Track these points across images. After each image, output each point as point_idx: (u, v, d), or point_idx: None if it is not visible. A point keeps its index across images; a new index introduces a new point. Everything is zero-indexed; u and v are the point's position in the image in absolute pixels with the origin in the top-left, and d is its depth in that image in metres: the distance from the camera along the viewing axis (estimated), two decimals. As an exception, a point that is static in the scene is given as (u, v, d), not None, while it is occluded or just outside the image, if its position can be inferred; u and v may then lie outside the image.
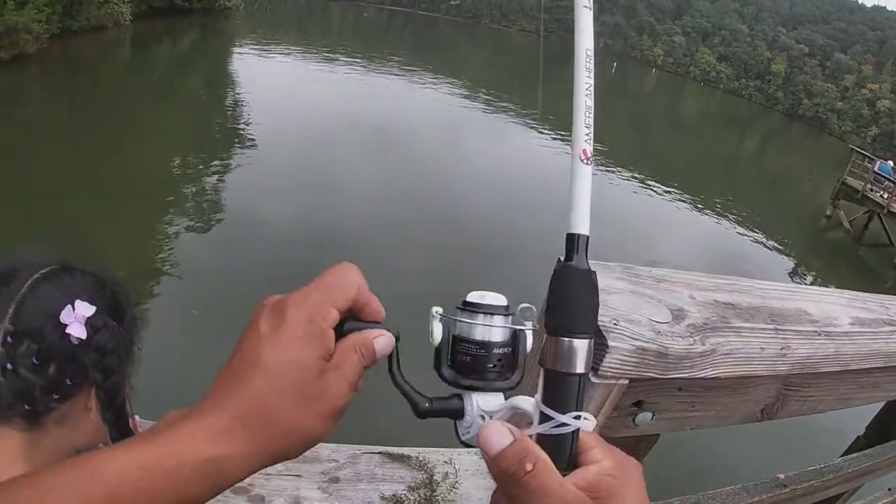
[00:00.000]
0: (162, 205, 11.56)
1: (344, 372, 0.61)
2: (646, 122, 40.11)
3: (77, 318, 1.02)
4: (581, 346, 0.58)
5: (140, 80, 22.82)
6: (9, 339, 0.97)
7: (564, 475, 0.56)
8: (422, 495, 1.28)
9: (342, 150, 16.87)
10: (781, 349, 1.01)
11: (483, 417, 0.64)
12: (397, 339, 0.66)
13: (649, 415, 1.01)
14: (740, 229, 19.23)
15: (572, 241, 0.60)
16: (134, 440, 0.56)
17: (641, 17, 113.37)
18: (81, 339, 1.02)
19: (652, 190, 20.69)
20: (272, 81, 25.90)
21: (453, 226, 12.62)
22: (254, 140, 16.19)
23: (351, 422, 0.70)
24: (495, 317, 0.64)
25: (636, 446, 1.15)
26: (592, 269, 0.60)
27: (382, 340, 0.64)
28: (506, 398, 0.65)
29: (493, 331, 0.64)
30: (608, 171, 21.71)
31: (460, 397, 0.66)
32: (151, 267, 9.27)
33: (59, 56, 21.79)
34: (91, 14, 24.79)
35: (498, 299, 0.65)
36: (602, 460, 0.58)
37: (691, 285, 1.06)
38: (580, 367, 0.58)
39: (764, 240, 18.83)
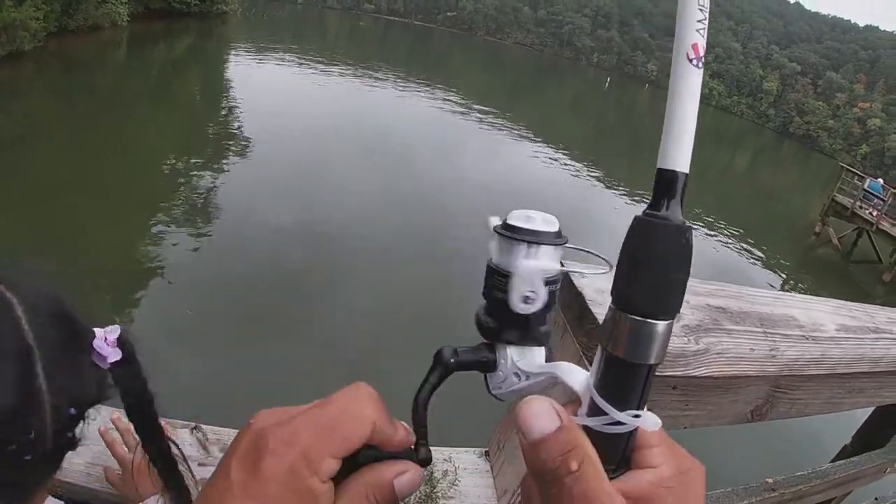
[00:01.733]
0: (154, 205, 11.54)
1: None
2: (638, 136, 40.19)
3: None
4: (660, 330, 0.44)
5: (135, 81, 22.83)
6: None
7: (612, 477, 0.46)
8: (422, 491, 1.28)
9: (335, 156, 16.92)
10: (770, 350, 1.06)
11: (518, 376, 0.53)
12: (428, 464, 0.52)
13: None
14: (730, 244, 19.34)
15: (665, 180, 0.45)
16: None
17: (636, 33, 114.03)
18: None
19: (644, 202, 20.87)
20: (267, 87, 25.90)
21: (444, 232, 12.65)
22: (247, 144, 16.19)
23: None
24: (542, 247, 0.51)
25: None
26: (687, 223, 0.45)
27: (406, 479, 0.50)
28: (547, 357, 0.54)
29: (538, 263, 0.50)
30: (600, 183, 21.87)
31: (492, 348, 0.54)
32: (143, 266, 9.26)
33: (56, 54, 21.78)
34: (89, 14, 24.87)
35: (549, 223, 0.51)
36: (661, 465, 0.48)
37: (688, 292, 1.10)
38: (652, 357, 0.44)
39: (753, 254, 18.95)
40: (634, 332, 0.44)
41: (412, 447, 0.52)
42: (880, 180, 23.78)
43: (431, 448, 0.52)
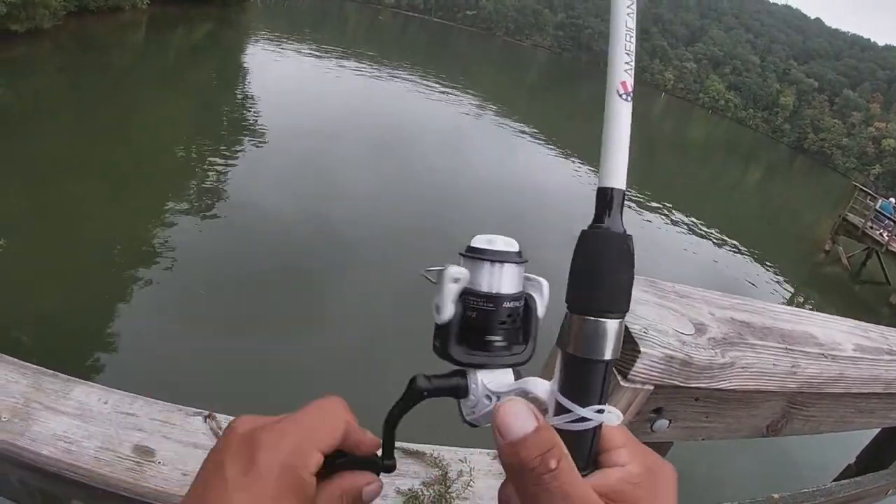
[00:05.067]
0: (164, 189, 11.62)
1: None
2: (652, 145, 40.09)
3: None
4: (612, 328, 0.49)
5: (152, 65, 22.91)
6: None
7: (583, 475, 0.49)
8: (436, 491, 1.29)
9: (347, 149, 16.92)
10: (792, 367, 1.07)
11: (489, 398, 0.56)
12: (392, 470, 0.59)
13: (666, 422, 1.06)
14: (739, 256, 19.27)
15: (605, 197, 0.50)
16: None
17: (655, 41, 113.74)
18: None
19: (654, 211, 20.72)
20: (283, 77, 25.95)
21: (451, 229, 12.64)
22: (261, 133, 16.21)
23: (367, 416, 0.63)
24: (505, 265, 0.55)
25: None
26: (628, 232, 0.51)
27: (370, 489, 0.58)
28: (516, 377, 0.57)
29: (502, 280, 0.55)
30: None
31: (463, 374, 0.57)
32: (149, 250, 9.28)
33: (74, 34, 21.83)
34: (110, -6, 24.81)
35: (509, 244, 0.56)
36: (629, 464, 0.51)
37: (710, 302, 1.11)
38: (608, 353, 0.49)
39: (761, 268, 18.87)
40: (588, 331, 0.49)
41: (379, 455, 0.59)
42: (892, 200, 23.72)
43: (447, 447, 0.56)
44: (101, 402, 1.45)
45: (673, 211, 21.40)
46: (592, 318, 0.49)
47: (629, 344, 0.92)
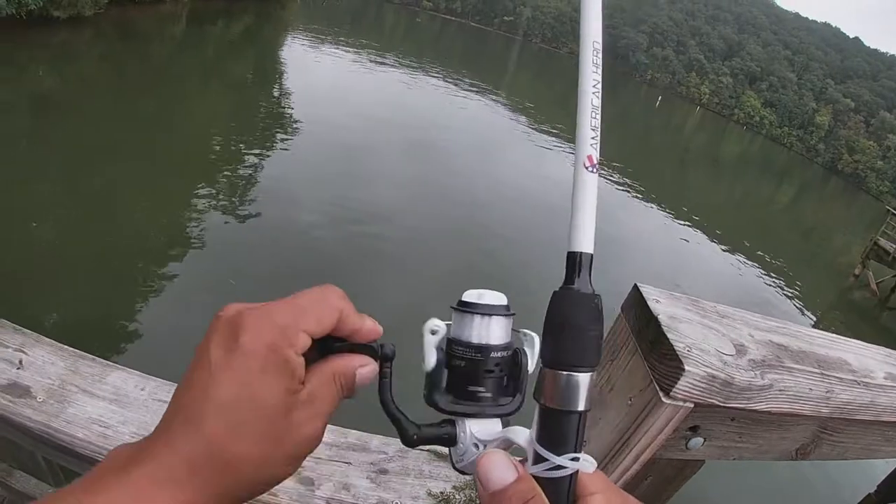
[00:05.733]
0: (198, 179, 11.78)
1: (318, 407, 0.55)
2: (685, 159, 39.81)
3: None
4: (583, 380, 0.52)
5: (191, 56, 23.16)
6: None
7: None
8: (467, 496, 1.30)
9: (379, 148, 17.02)
10: (826, 392, 1.08)
11: (477, 446, 0.58)
12: (392, 358, 0.60)
13: (701, 440, 1.07)
14: (766, 275, 19.01)
15: (574, 260, 0.53)
16: (79, 487, 0.48)
17: (691, 54, 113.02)
18: None
19: (683, 225, 20.56)
20: (320, 74, 26.15)
21: (476, 232, 12.64)
22: (295, 128, 16.34)
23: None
24: (493, 318, 0.58)
25: (682, 469, 1.21)
26: (596, 292, 0.54)
27: (366, 372, 0.58)
28: (504, 425, 0.59)
29: (490, 333, 0.58)
30: (643, 202, 21.67)
31: (453, 423, 0.59)
32: (181, 237, 9.46)
33: (115, 23, 22.11)
34: (153, -15, 25.00)
35: (498, 298, 0.59)
36: None
37: (749, 324, 1.12)
38: (581, 405, 0.51)
39: (788, 289, 18.63)
40: (561, 384, 0.52)
41: (379, 345, 0.59)
42: (926, 227, 23.35)
43: None
44: (138, 389, 1.50)
45: (702, 226, 21.19)
46: (565, 371, 0.52)
47: (672, 361, 0.93)
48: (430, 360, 0.58)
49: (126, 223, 9.46)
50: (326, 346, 0.57)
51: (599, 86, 0.56)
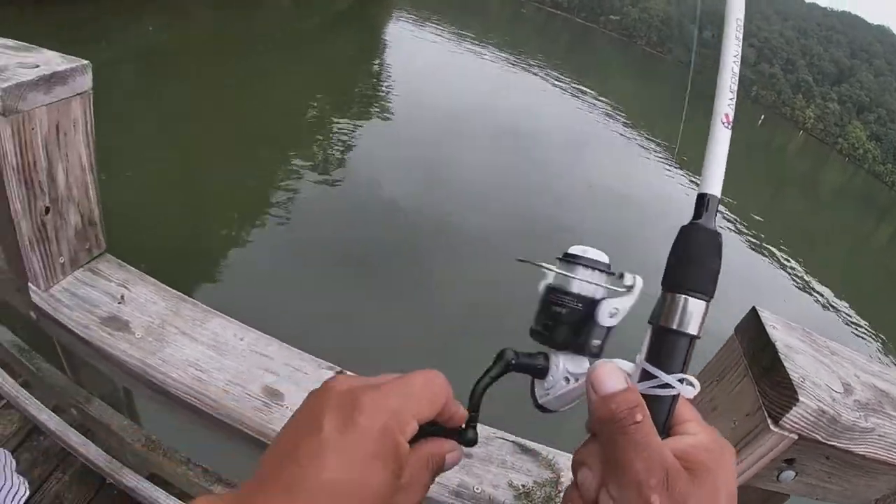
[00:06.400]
0: (288, 149, 12.02)
1: (415, 493, 0.57)
2: (781, 183, 38.53)
3: None
4: (697, 306, 0.56)
5: (296, 27, 23.52)
6: None
7: None
8: (546, 493, 1.29)
9: (470, 136, 16.95)
10: (922, 448, 1.04)
11: (567, 380, 0.64)
12: (474, 444, 0.63)
13: (792, 474, 1.05)
14: (851, 317, 18.05)
15: (702, 200, 0.60)
16: None
17: (800, 74, 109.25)
18: None
19: (769, 250, 19.88)
20: (419, 56, 26.28)
21: (562, 233, 12.52)
22: (389, 108, 16.47)
23: (486, 404, 0.66)
24: (595, 271, 0.64)
25: (765, 501, 1.18)
26: (719, 230, 0.59)
27: (453, 457, 0.61)
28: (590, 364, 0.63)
29: (590, 285, 0.63)
30: (730, 220, 21.05)
31: (546, 357, 0.65)
32: (269, 201, 9.69)
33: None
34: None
35: (600, 255, 0.65)
36: (698, 434, 0.56)
37: (856, 364, 1.10)
38: (693, 329, 0.56)
39: (872, 337, 17.58)
40: (678, 306, 0.57)
41: (463, 426, 0.63)
42: None
43: (563, 452, 0.62)
44: (237, 338, 1.53)
45: (789, 253, 20.39)
46: (683, 294, 0.57)
47: (786, 390, 0.92)
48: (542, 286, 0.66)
49: (216, 178, 9.74)
50: (420, 428, 0.58)
51: (739, 56, 0.64)
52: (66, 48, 1.46)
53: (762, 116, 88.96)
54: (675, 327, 0.56)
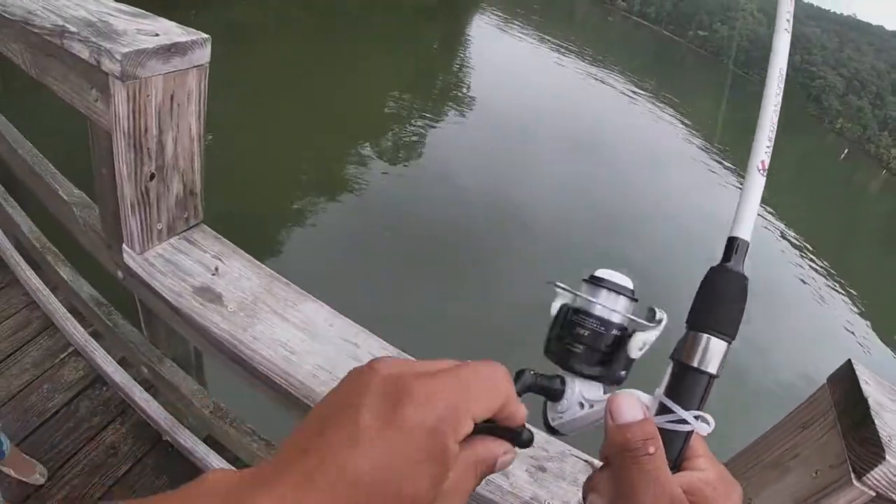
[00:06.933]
0: (364, 135, 12.14)
1: (456, 499, 0.48)
2: (858, 225, 37.00)
3: None
4: (719, 346, 0.58)
5: (383, 15, 23.66)
6: None
7: None
8: None
9: (542, 140, 16.87)
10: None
11: (582, 405, 0.64)
12: (529, 445, 0.56)
13: (863, 526, 1.04)
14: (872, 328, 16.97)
15: (732, 244, 0.61)
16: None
17: (889, 111, 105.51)
18: None
19: (835, 296, 18.73)
20: (501, 55, 26.21)
21: (627, 246, 12.37)
22: (469, 102, 16.52)
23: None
24: (620, 297, 0.65)
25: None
26: (746, 274, 0.60)
27: (506, 460, 0.53)
28: (604, 392, 0.65)
29: (614, 309, 0.64)
30: (802, 257, 20.23)
31: (563, 381, 0.65)
32: (337, 185, 9.83)
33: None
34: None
35: (625, 280, 0.66)
36: (707, 470, 0.57)
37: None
38: (713, 368, 0.57)
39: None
40: (704, 346, 0.57)
41: (520, 430, 0.56)
42: None
43: None
44: (328, 324, 1.53)
45: (857, 305, 19.07)
46: (706, 334, 0.58)
47: (874, 448, 0.91)
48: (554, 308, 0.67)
49: (290, 155, 9.94)
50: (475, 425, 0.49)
51: (779, 107, 0.65)
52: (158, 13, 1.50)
53: (846, 151, 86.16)
54: (695, 365, 0.57)
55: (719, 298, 0.59)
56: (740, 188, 0.63)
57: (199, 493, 0.41)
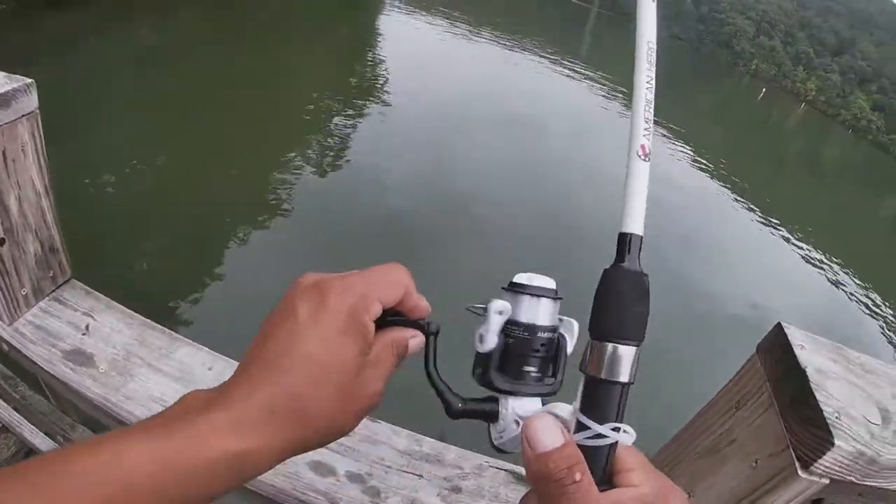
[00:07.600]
0: (288, 138, 12.07)
1: (381, 370, 0.63)
2: (781, 157, 38.13)
3: None
4: (627, 353, 0.55)
5: (293, 17, 23.55)
6: None
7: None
8: None
9: (469, 125, 16.82)
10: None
11: (517, 423, 0.63)
12: (437, 334, 0.67)
13: (818, 514, 0.95)
14: (857, 296, 17.40)
15: (624, 240, 0.57)
16: (153, 425, 0.51)
17: (800, 46, 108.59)
18: None
19: (771, 229, 19.39)
20: (415, 44, 26.40)
21: (558, 221, 12.44)
22: (388, 96, 16.45)
23: (478, 429, 0.68)
24: (542, 299, 0.63)
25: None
26: (645, 271, 0.57)
27: (415, 343, 0.66)
28: (543, 404, 0.64)
29: (538, 313, 0.63)
30: (734, 199, 20.73)
31: (495, 400, 0.65)
32: (265, 194, 9.71)
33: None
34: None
35: (546, 282, 0.65)
36: (641, 485, 0.54)
37: (892, 381, 0.97)
38: (624, 376, 0.55)
39: (877, 311, 16.87)
40: (611, 355, 0.55)
41: (427, 322, 0.67)
42: None
43: None
44: (205, 368, 1.47)
45: (791, 234, 19.78)
46: (611, 343, 0.55)
47: (819, 430, 0.82)
48: (491, 341, 0.63)
49: (215, 174, 9.80)
50: (383, 318, 0.63)
51: (653, 82, 0.59)
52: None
53: (763, 90, 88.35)
54: (604, 377, 0.55)
55: (619, 302, 0.56)
56: (675, 140, 0.50)
57: (174, 411, 0.54)
